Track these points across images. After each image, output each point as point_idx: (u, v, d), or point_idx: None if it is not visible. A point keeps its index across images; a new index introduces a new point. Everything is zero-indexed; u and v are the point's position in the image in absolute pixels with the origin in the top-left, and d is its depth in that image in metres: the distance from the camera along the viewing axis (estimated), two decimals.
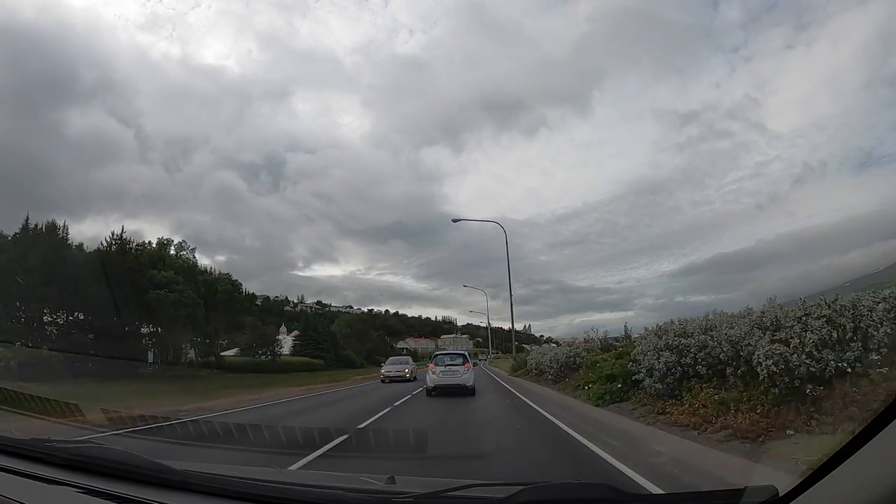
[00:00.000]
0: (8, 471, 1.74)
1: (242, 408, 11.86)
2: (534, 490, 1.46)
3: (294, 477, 2.09)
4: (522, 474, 4.46)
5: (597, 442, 5.90)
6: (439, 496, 1.55)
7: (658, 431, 6.11)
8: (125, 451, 1.84)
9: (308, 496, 1.57)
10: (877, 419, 1.05)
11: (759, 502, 1.32)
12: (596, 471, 4.58)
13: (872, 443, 1.05)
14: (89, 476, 1.68)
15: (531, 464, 5.06)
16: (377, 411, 9.83)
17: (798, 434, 4.50)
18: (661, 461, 4.61)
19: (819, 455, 1.23)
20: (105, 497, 1.54)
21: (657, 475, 4.09)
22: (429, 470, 4.20)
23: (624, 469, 4.46)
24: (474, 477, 1.97)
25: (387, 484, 1.67)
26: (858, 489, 1.04)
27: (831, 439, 4.00)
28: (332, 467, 4.69)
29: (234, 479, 1.70)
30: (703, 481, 3.78)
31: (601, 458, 5.06)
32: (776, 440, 4.58)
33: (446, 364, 14.44)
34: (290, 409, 12.04)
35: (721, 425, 5.40)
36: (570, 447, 5.92)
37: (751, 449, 4.55)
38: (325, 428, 6.43)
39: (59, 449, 1.87)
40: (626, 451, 5.26)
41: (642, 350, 8.53)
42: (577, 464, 5.03)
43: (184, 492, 1.60)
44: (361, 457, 5.40)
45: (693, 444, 5.17)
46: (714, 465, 4.21)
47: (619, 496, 1.42)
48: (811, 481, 1.19)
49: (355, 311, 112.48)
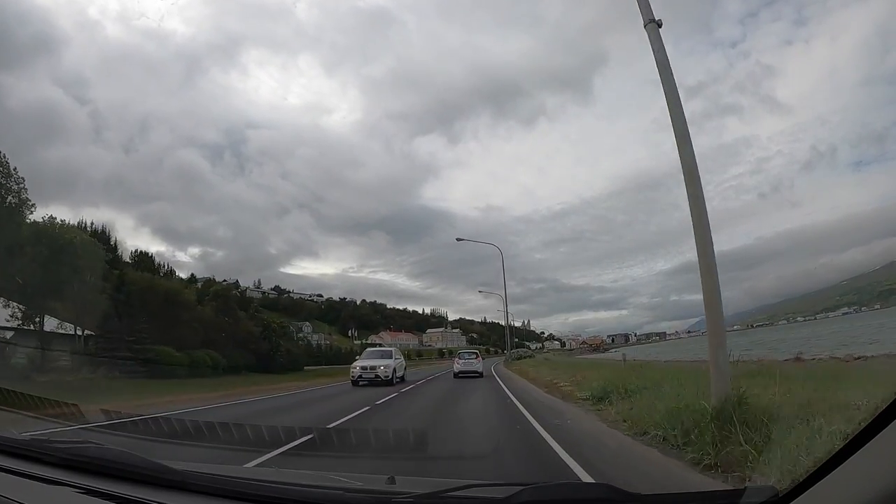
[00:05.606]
0: (8, 471, 1.74)
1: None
2: (534, 490, 1.46)
3: (294, 477, 2.09)
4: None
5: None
6: (439, 496, 1.54)
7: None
8: (125, 451, 1.84)
9: (308, 496, 1.57)
10: (876, 419, 1.05)
11: (759, 502, 1.33)
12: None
13: (872, 443, 1.05)
14: (89, 476, 1.68)
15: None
16: None
17: None
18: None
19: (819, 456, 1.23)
20: (105, 497, 1.53)
21: None
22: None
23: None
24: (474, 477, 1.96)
25: (387, 484, 1.66)
26: (858, 489, 1.04)
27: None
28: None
29: (233, 479, 1.70)
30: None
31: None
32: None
33: (465, 358, 23.42)
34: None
35: None
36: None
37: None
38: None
39: (59, 449, 1.86)
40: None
41: None
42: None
43: (183, 492, 1.60)
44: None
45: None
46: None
47: (618, 496, 1.43)
48: (811, 481, 1.19)
49: (322, 300, 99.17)
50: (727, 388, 4.83)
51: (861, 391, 5.03)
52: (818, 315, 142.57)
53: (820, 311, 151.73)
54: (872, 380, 6.75)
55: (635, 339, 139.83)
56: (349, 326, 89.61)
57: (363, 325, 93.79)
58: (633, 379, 9.76)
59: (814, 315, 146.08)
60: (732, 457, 3.80)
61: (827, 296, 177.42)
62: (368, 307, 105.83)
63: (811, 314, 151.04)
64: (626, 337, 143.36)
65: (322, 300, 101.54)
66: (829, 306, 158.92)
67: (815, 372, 9.19)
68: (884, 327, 37.49)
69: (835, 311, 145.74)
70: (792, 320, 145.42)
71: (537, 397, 12.12)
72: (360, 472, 4.08)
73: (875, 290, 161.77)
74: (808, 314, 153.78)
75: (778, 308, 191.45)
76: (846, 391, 5.33)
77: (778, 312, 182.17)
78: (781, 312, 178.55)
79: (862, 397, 4.49)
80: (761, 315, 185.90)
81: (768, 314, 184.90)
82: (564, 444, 5.69)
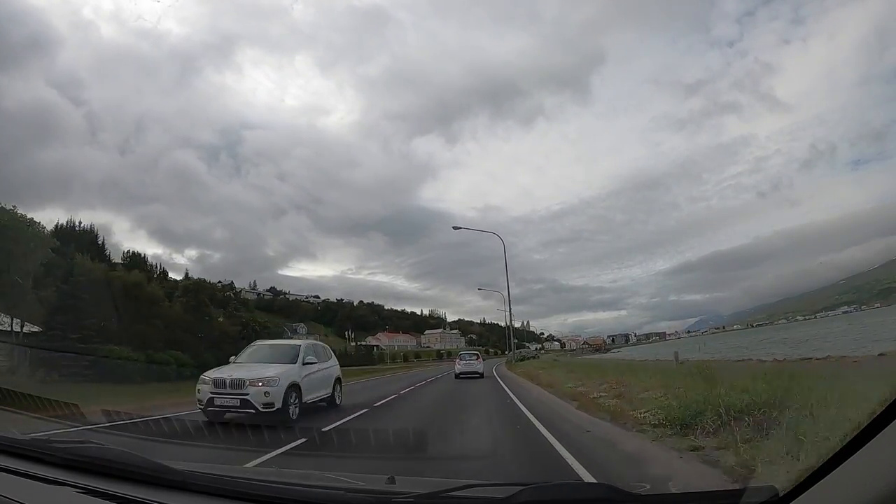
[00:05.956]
0: (8, 471, 1.74)
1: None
2: (534, 490, 1.46)
3: (293, 477, 2.09)
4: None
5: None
6: (439, 496, 1.54)
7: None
8: (125, 451, 1.84)
9: (308, 496, 1.57)
10: (876, 419, 1.05)
11: (759, 502, 1.33)
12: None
13: (872, 443, 1.05)
14: (89, 476, 1.68)
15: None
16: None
17: None
18: None
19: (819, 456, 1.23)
20: (105, 497, 1.54)
21: None
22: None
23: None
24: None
25: (387, 484, 1.67)
26: (858, 489, 1.04)
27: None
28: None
29: (234, 480, 1.70)
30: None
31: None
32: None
33: (466, 359, 23.70)
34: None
35: None
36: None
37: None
38: None
39: (59, 449, 1.86)
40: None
41: None
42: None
43: (184, 492, 1.60)
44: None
45: None
46: None
47: (618, 496, 1.43)
48: (811, 481, 1.19)
49: (318, 301, 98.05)
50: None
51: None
52: (818, 314, 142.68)
53: (819, 310, 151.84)
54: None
55: (635, 340, 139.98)
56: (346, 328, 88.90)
57: (360, 326, 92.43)
58: (714, 388, 6.11)
59: (813, 314, 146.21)
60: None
61: (826, 295, 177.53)
62: (366, 308, 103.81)
63: (810, 313, 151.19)
64: (626, 337, 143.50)
65: (318, 301, 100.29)
66: (829, 305, 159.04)
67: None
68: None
69: (834, 309, 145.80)
70: (791, 319, 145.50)
71: (570, 417, 7.90)
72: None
73: (874, 289, 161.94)
74: (807, 313, 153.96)
75: (777, 307, 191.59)
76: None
77: (777, 312, 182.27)
78: (781, 312, 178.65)
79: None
80: (760, 314, 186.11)
81: (767, 313, 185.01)
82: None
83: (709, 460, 4.16)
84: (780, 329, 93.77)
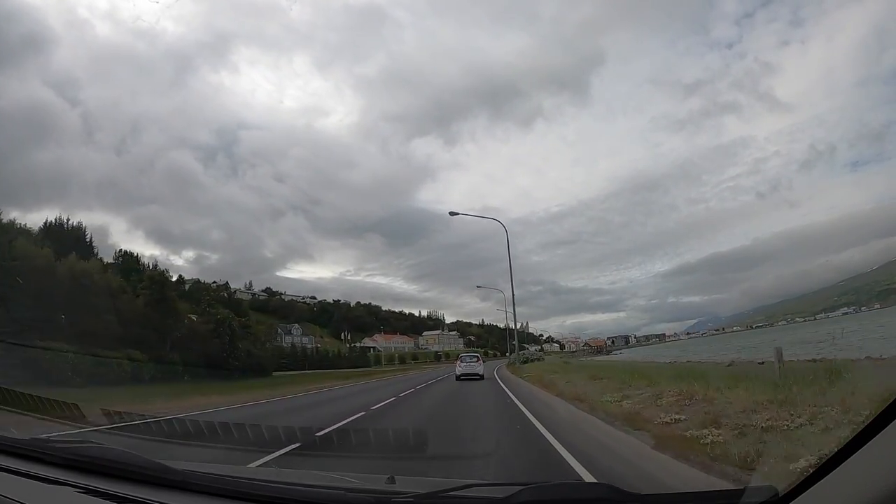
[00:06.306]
0: (8, 471, 1.74)
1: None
2: (534, 490, 1.46)
3: (294, 477, 2.09)
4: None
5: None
6: (439, 496, 1.55)
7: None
8: (125, 451, 1.84)
9: (309, 496, 1.57)
10: (876, 419, 1.05)
11: (759, 502, 1.33)
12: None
13: (872, 443, 1.05)
14: (89, 476, 1.68)
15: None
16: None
17: None
18: None
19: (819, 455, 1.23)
20: (105, 497, 1.54)
21: None
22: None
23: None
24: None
25: (387, 484, 1.67)
26: (858, 489, 1.04)
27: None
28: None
29: (234, 479, 1.70)
30: None
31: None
32: None
33: (467, 361, 24.28)
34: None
35: None
36: None
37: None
38: None
39: (59, 449, 1.87)
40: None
41: None
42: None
43: (184, 492, 1.60)
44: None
45: None
46: None
47: (619, 496, 1.43)
48: (811, 481, 1.19)
49: (314, 302, 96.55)
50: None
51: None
52: (818, 315, 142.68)
53: (819, 312, 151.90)
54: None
55: (635, 341, 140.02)
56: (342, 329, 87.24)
57: (357, 327, 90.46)
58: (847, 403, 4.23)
59: (813, 315, 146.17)
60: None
61: (825, 296, 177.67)
62: (363, 309, 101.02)
63: (810, 314, 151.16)
64: (625, 339, 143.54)
65: (314, 302, 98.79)
66: (828, 306, 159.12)
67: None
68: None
69: (834, 311, 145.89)
70: (791, 321, 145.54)
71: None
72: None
73: (874, 290, 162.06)
74: (806, 314, 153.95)
75: (776, 308, 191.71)
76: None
77: (776, 313, 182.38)
78: (780, 313, 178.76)
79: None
80: (760, 316, 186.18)
81: (767, 315, 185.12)
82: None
83: None
84: (782, 330, 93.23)
